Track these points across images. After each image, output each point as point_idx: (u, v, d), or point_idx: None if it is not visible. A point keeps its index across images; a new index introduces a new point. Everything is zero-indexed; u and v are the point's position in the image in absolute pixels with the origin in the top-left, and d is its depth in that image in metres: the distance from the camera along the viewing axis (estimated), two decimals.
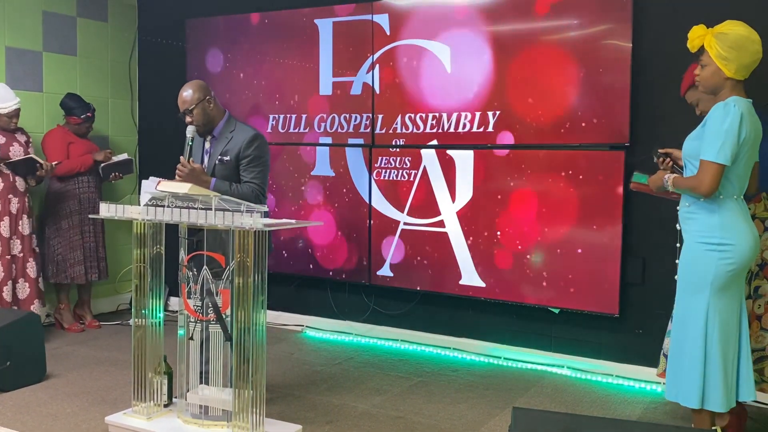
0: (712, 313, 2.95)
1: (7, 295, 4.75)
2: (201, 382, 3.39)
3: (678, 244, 3.19)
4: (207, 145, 3.84)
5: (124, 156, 5.38)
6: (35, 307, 4.86)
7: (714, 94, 3.01)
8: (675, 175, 3.06)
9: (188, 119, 3.73)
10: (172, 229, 3.45)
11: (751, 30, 2.95)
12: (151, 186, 3.41)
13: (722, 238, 2.92)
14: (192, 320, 3.37)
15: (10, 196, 4.81)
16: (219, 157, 3.73)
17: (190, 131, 3.72)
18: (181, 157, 3.65)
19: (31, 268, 4.90)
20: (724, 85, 2.96)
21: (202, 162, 3.84)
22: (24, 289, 4.87)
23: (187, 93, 3.72)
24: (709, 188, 2.89)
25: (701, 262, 2.97)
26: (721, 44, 2.93)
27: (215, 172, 3.74)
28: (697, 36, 3.00)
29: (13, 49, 5.23)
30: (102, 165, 5.24)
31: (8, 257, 4.79)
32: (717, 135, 2.86)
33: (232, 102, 5.51)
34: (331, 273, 5.22)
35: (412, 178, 4.86)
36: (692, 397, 2.98)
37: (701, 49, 2.99)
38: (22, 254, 4.86)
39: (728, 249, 2.92)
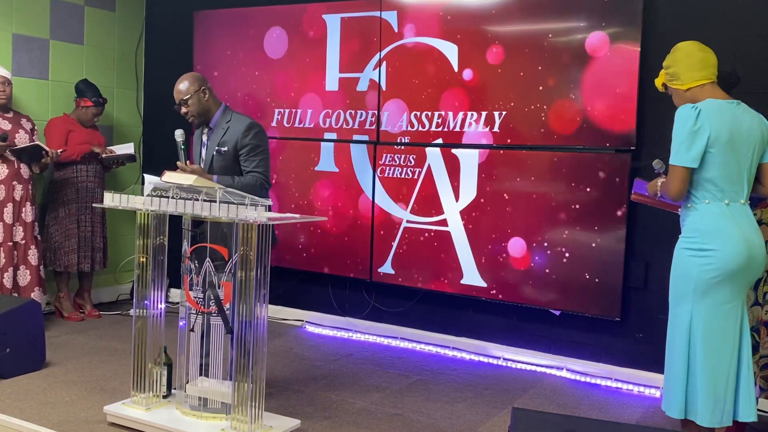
0: (696, 321, 2.91)
1: (7, 281, 4.75)
2: (201, 374, 3.39)
3: None
4: (204, 137, 3.83)
5: (128, 148, 5.38)
6: (36, 295, 4.85)
7: None
8: (664, 179, 3.06)
9: (183, 110, 3.74)
10: (174, 220, 3.45)
11: (688, 42, 3.06)
12: (152, 183, 3.39)
13: (703, 243, 2.89)
14: (193, 312, 3.37)
15: (14, 182, 4.81)
16: (217, 148, 3.72)
17: (178, 135, 3.73)
18: (178, 162, 3.66)
19: (33, 256, 4.90)
20: (694, 97, 2.99)
21: (200, 154, 3.84)
22: (25, 276, 4.87)
23: (183, 84, 3.74)
24: (675, 191, 2.93)
25: (684, 267, 2.95)
26: (665, 67, 3.09)
27: (213, 163, 3.73)
28: (659, 77, 3.14)
29: (20, 36, 5.22)
30: (103, 157, 5.25)
31: (10, 244, 4.79)
32: (674, 138, 2.93)
33: (238, 95, 5.51)
34: (332, 269, 5.21)
35: (416, 176, 4.85)
36: (674, 406, 2.95)
37: (664, 86, 3.13)
38: (24, 241, 4.86)
39: (710, 255, 2.88)
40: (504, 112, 4.55)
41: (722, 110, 2.91)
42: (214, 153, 3.73)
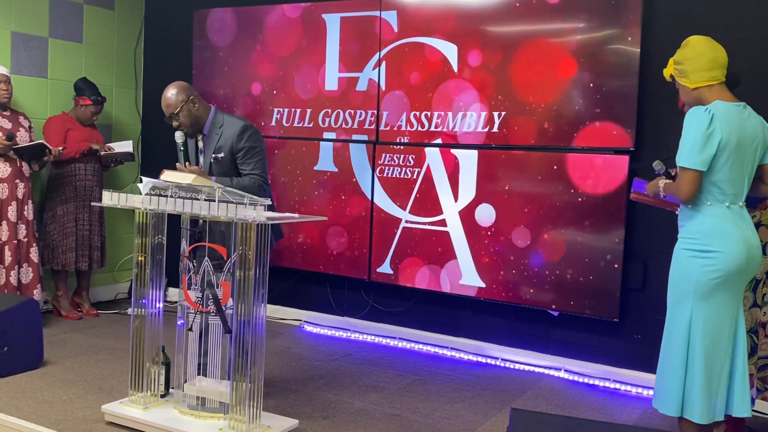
0: (695, 322, 2.92)
1: (14, 279, 4.76)
2: (199, 374, 3.39)
3: None
4: (200, 144, 3.82)
5: (126, 146, 5.37)
6: (38, 292, 4.87)
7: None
8: (667, 180, 3.05)
9: (175, 123, 3.72)
10: (173, 219, 3.44)
11: (701, 38, 3.02)
12: (147, 186, 3.37)
13: (705, 244, 2.90)
14: (192, 311, 3.36)
15: (17, 181, 4.82)
16: (213, 155, 3.71)
17: (179, 136, 3.72)
18: (178, 164, 3.66)
19: (35, 253, 4.91)
20: (701, 96, 2.98)
21: (197, 162, 3.83)
22: (27, 274, 4.88)
23: (170, 96, 3.69)
24: (686, 194, 2.90)
25: (685, 268, 2.95)
26: (675, 62, 3.06)
27: (212, 170, 3.73)
28: (667, 67, 3.12)
29: (19, 34, 5.21)
30: (102, 155, 5.25)
31: (15, 242, 4.79)
32: (685, 139, 2.90)
33: (237, 95, 5.50)
34: (330, 269, 5.21)
35: (415, 176, 4.85)
36: (670, 404, 2.97)
37: (672, 77, 3.10)
38: (26, 239, 4.87)
39: (712, 256, 2.88)
40: (503, 113, 4.54)
41: (731, 114, 2.91)
42: (212, 160, 3.72)
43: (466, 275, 4.69)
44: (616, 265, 4.24)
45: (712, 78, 2.97)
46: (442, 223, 4.77)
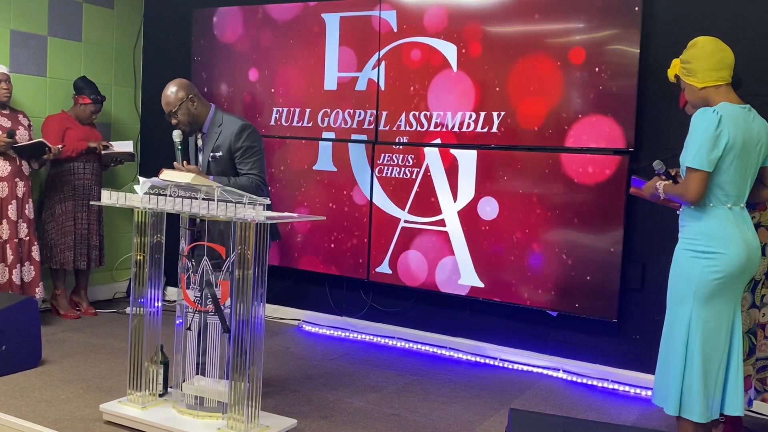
0: (695, 322, 2.93)
1: (16, 278, 4.76)
2: (197, 373, 3.39)
3: None
4: (199, 142, 3.81)
5: (127, 146, 5.37)
6: (40, 290, 4.87)
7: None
8: (667, 181, 3.05)
9: (174, 121, 3.72)
10: (171, 217, 3.44)
11: (709, 39, 3.02)
12: (145, 186, 3.36)
13: (708, 246, 2.90)
14: (190, 311, 3.36)
15: (17, 179, 4.82)
16: (211, 154, 3.71)
17: (176, 135, 3.72)
18: (175, 163, 3.65)
19: (36, 252, 4.92)
20: (708, 96, 2.99)
21: (196, 161, 3.82)
22: (29, 273, 4.88)
23: (170, 94, 3.69)
24: (695, 195, 2.89)
25: (686, 269, 2.96)
26: (682, 61, 3.06)
27: (210, 168, 3.73)
28: (671, 67, 3.13)
29: (18, 32, 5.21)
30: (103, 153, 5.25)
31: (16, 241, 4.79)
32: (693, 140, 2.89)
33: (236, 94, 5.50)
34: (329, 268, 5.20)
35: (414, 176, 4.85)
36: (670, 403, 2.98)
37: (677, 77, 3.11)
38: (27, 238, 4.87)
39: (714, 257, 2.89)
40: (503, 113, 4.54)
41: (737, 116, 2.92)
42: (210, 159, 3.72)
43: (464, 275, 4.69)
44: (614, 266, 4.23)
45: (720, 78, 2.97)
46: (441, 223, 4.77)
